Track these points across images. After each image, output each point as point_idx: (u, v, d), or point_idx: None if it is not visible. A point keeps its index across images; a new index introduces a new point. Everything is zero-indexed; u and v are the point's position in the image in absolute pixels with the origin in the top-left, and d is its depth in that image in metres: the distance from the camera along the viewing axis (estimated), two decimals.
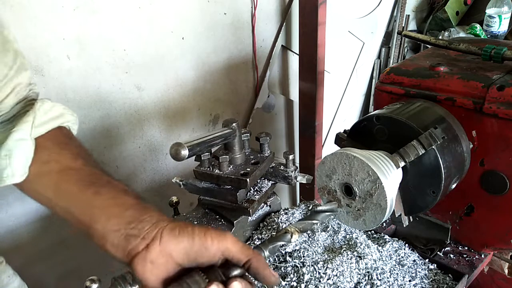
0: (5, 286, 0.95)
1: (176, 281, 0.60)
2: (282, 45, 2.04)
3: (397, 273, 0.91)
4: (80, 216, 0.67)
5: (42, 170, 0.71)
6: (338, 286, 0.84)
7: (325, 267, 0.87)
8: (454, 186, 0.94)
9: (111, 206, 0.66)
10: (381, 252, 0.96)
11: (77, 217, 0.67)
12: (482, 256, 1.08)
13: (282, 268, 0.89)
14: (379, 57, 2.58)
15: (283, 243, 0.86)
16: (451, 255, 1.09)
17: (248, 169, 0.97)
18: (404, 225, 0.95)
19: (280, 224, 0.99)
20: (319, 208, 0.97)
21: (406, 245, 1.00)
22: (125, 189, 0.70)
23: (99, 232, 0.64)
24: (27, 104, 0.75)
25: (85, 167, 0.72)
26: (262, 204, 1.03)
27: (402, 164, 0.81)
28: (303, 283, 0.84)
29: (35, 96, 0.78)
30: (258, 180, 1.04)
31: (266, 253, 0.84)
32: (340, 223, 1.00)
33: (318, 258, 0.90)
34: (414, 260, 0.97)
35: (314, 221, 0.93)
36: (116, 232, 0.63)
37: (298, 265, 0.88)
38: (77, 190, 0.68)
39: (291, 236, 0.87)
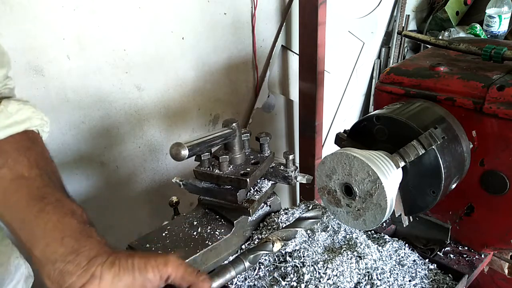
0: (16, 270, 0.91)
1: None
2: (282, 45, 2.04)
3: (397, 273, 0.91)
4: (21, 235, 0.63)
5: None
6: (338, 286, 0.84)
7: (325, 267, 0.87)
8: (454, 186, 0.94)
9: (52, 230, 0.62)
10: (381, 252, 0.96)
11: (18, 234, 0.63)
12: (482, 256, 1.08)
13: (282, 268, 0.89)
14: (379, 57, 2.58)
15: (265, 252, 0.86)
16: (451, 255, 1.09)
17: (248, 169, 0.97)
18: (404, 225, 0.95)
19: (280, 224, 0.99)
20: (303, 215, 0.97)
21: (406, 245, 1.00)
22: (73, 209, 0.66)
23: (37, 259, 0.61)
24: None
25: (39, 178, 0.67)
26: (262, 204, 1.03)
27: (402, 164, 0.81)
28: (303, 283, 0.84)
29: (7, 93, 0.74)
30: (258, 180, 1.04)
31: (247, 263, 0.83)
32: (340, 223, 1.00)
33: (318, 258, 0.90)
34: (414, 260, 0.97)
35: (298, 229, 0.94)
36: (52, 265, 0.60)
37: (298, 265, 0.88)
38: (24, 205, 0.64)
39: (273, 245, 0.87)
